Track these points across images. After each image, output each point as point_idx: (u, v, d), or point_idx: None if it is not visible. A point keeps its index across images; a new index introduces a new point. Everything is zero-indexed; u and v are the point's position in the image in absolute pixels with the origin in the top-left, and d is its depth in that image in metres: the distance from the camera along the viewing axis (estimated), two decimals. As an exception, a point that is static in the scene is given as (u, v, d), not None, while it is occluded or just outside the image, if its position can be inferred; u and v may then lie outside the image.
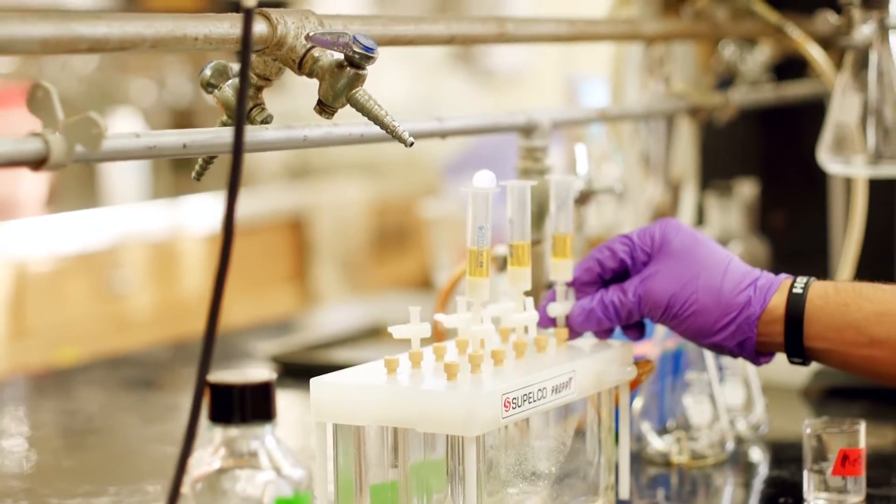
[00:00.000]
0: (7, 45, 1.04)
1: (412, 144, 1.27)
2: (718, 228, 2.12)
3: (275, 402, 1.05)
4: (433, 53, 5.46)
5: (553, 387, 1.30)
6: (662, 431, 1.63)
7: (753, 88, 2.11)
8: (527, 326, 1.37)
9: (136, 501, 1.52)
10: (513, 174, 1.58)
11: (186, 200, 4.36)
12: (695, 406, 1.63)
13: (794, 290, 1.38)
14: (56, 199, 4.26)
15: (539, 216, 1.52)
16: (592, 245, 1.96)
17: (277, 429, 1.05)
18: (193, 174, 1.33)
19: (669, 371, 1.63)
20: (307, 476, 1.05)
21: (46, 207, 4.09)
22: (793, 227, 2.37)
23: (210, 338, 1.00)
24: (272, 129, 1.28)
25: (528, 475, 1.34)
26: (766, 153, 2.40)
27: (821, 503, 1.44)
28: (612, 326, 1.42)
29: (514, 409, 1.25)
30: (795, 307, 1.37)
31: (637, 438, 1.62)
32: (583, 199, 1.68)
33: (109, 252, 4.11)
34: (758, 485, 1.62)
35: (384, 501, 1.27)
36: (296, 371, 2.12)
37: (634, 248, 1.41)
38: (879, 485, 1.52)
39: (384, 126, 1.27)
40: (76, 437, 1.91)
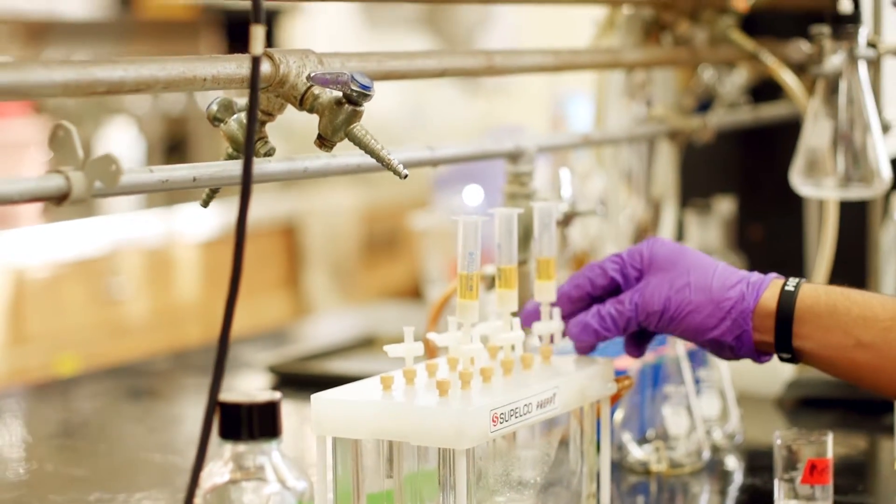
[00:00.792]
0: (33, 90, 1.10)
1: (406, 177, 1.33)
2: (697, 244, 2.16)
3: (280, 421, 1.11)
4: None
5: (538, 402, 1.35)
6: (642, 441, 1.67)
7: (731, 110, 2.15)
8: (514, 345, 1.42)
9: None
10: (501, 186, 1.64)
11: (180, 209, 4.41)
12: (673, 417, 1.66)
13: (787, 288, 1.40)
14: (53, 208, 4.28)
15: (525, 238, 1.57)
16: (577, 260, 2.03)
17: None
18: (201, 202, 1.39)
19: (649, 384, 1.67)
20: (309, 488, 1.11)
21: (44, 216, 4.13)
22: (769, 241, 2.39)
23: (220, 366, 1.07)
24: (275, 161, 1.34)
25: (515, 484, 1.39)
26: (744, 170, 2.43)
27: (790, 510, 1.47)
28: (611, 337, 1.45)
29: (502, 424, 1.30)
30: (786, 304, 1.40)
31: (618, 448, 1.66)
32: (566, 221, 1.72)
33: (106, 259, 4.14)
34: (732, 492, 1.67)
35: (380, 510, 1.32)
36: (292, 381, 2.18)
37: (625, 266, 1.45)
38: (846, 492, 1.56)
39: (379, 159, 1.32)
40: (80, 447, 1.93)
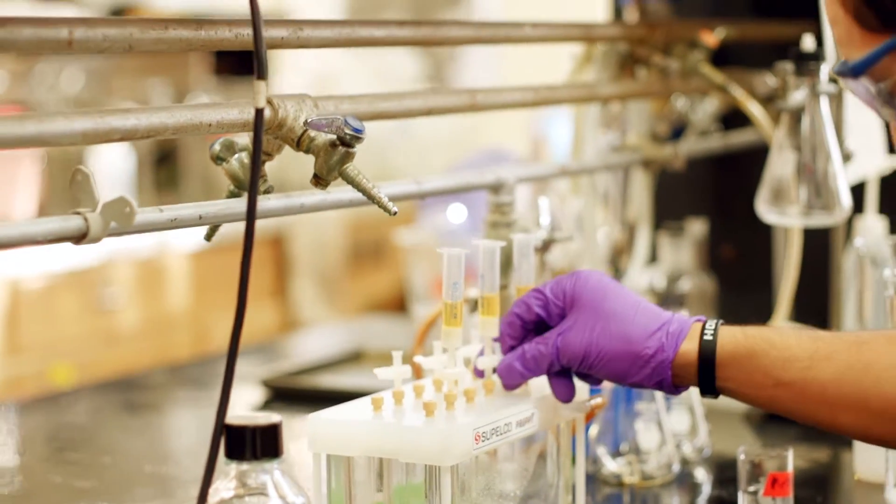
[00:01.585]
0: (54, 140, 1.19)
1: (395, 213, 1.43)
2: (670, 265, 2.27)
3: (281, 442, 1.20)
4: (406, 73, 5.58)
5: (518, 421, 1.43)
6: (616, 454, 1.74)
7: (703, 137, 2.25)
8: (494, 368, 1.50)
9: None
10: (483, 202, 1.73)
11: (171, 219, 4.48)
12: (644, 432, 1.74)
13: (705, 337, 1.42)
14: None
15: (506, 263, 1.67)
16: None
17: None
18: (205, 236, 1.49)
19: (622, 400, 1.75)
20: (308, 503, 1.20)
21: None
22: (740, 261, 2.47)
23: (226, 393, 1.18)
24: (274, 198, 1.44)
25: (497, 496, 1.47)
26: (716, 193, 2.51)
27: (753, 521, 1.54)
28: (537, 376, 1.48)
29: (484, 441, 1.38)
30: (707, 353, 1.41)
31: (593, 461, 1.74)
32: (545, 248, 1.80)
33: (99, 269, 4.20)
34: (700, 503, 1.75)
35: (371, 521, 1.41)
36: (284, 395, 2.27)
37: (548, 303, 1.46)
38: (807, 503, 1.64)
39: (371, 197, 1.42)
40: (81, 460, 1.97)
